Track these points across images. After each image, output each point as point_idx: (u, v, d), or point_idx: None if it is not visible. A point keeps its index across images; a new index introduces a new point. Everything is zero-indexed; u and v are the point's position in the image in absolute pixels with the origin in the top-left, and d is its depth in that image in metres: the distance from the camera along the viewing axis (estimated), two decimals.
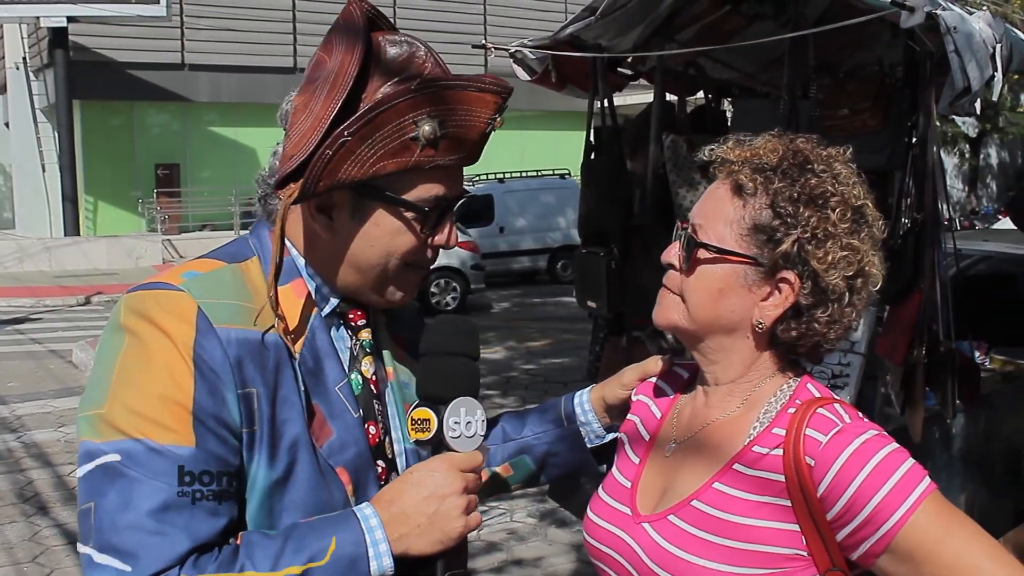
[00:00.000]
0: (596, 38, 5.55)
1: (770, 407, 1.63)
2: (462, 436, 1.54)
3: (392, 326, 1.77)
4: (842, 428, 1.51)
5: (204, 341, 1.42)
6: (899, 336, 4.17)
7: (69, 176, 26.00)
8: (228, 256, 1.58)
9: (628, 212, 5.74)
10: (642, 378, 1.91)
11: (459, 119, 1.49)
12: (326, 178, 1.44)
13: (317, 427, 1.53)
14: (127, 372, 1.41)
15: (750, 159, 1.61)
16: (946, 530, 1.44)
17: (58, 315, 17.89)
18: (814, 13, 5.19)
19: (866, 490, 1.45)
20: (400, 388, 1.72)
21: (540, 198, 22.12)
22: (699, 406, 1.73)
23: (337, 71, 1.46)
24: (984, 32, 3.98)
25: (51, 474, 8.01)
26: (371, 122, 1.43)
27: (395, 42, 1.52)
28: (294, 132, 1.49)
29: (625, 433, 1.87)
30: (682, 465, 1.68)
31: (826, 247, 1.55)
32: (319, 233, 1.56)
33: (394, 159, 1.47)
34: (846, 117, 4.87)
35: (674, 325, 1.67)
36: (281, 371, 1.50)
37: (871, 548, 1.47)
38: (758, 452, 1.57)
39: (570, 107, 29.92)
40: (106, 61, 27.55)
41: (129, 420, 1.38)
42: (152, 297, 1.45)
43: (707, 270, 1.61)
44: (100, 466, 1.37)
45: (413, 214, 1.54)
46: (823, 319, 1.58)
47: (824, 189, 1.57)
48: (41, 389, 11.27)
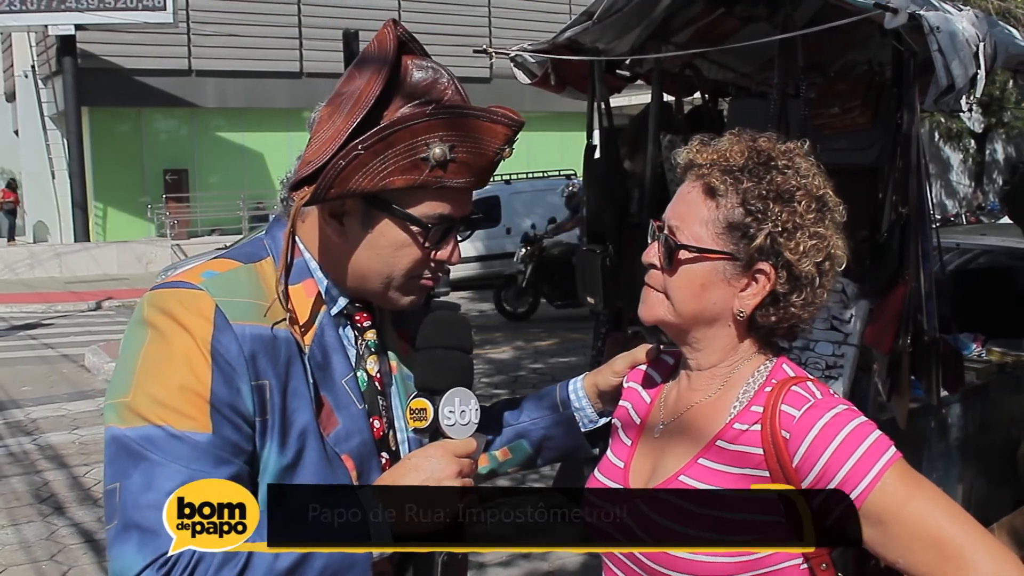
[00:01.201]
0: (594, 41, 5.65)
1: (748, 387, 1.74)
2: (456, 424, 1.64)
3: (397, 321, 1.86)
4: (814, 403, 1.62)
5: (221, 337, 1.52)
6: (885, 326, 4.27)
7: (79, 183, 26.09)
8: (244, 256, 1.68)
9: (624, 211, 5.83)
10: (632, 365, 2.02)
11: (469, 146, 1.59)
12: (337, 186, 1.54)
13: (324, 417, 1.62)
14: (150, 364, 1.51)
15: (718, 161, 1.72)
16: (910, 493, 1.55)
17: (70, 320, 17.94)
18: (806, 15, 5.30)
19: (837, 459, 1.56)
20: (403, 382, 1.82)
21: (546, 199, 22.04)
22: (683, 389, 1.84)
23: (362, 88, 1.57)
24: (967, 31, 4.08)
25: (66, 475, 8.11)
26: (385, 139, 1.53)
27: (421, 67, 1.62)
28: (316, 140, 1.60)
29: (618, 418, 1.99)
30: (669, 444, 1.80)
31: (796, 238, 1.66)
32: (331, 237, 1.67)
33: (403, 176, 1.56)
34: (836, 115, 4.97)
35: (660, 320, 1.78)
36: (292, 364, 1.60)
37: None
38: (738, 429, 1.68)
39: (575, 108, 29.78)
40: (114, 68, 27.63)
41: (152, 408, 1.48)
42: (173, 295, 1.56)
43: (688, 269, 1.72)
44: (125, 450, 1.48)
45: (417, 228, 1.63)
46: (798, 303, 1.70)
47: (789, 184, 1.68)
48: (55, 393, 11.35)
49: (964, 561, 1.51)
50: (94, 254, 25.38)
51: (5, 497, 7.60)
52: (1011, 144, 37.00)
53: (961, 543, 1.52)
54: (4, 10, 25.38)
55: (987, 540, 1.54)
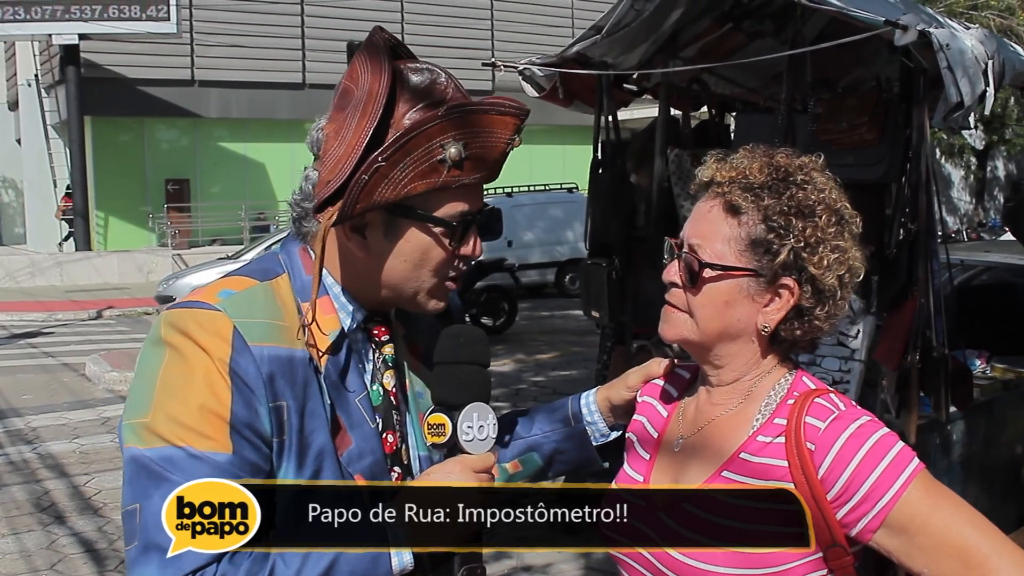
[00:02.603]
0: (602, 55, 5.66)
1: (770, 400, 1.74)
2: (475, 439, 1.63)
3: (410, 336, 1.86)
4: (839, 415, 1.63)
5: (239, 358, 1.52)
6: (894, 342, 4.28)
7: (80, 192, 26.08)
8: (260, 273, 1.67)
9: (630, 225, 5.84)
10: (646, 380, 2.01)
11: (482, 140, 1.59)
12: (363, 201, 1.54)
13: (339, 437, 1.62)
14: (169, 384, 1.51)
15: (737, 179, 1.72)
16: (935, 504, 1.57)
17: (70, 329, 17.91)
18: (813, 31, 5.31)
19: (863, 470, 1.57)
20: (415, 398, 1.81)
21: (548, 212, 22.05)
22: (703, 404, 1.84)
23: (366, 99, 1.57)
24: (976, 49, 4.10)
25: (67, 484, 8.08)
26: (403, 148, 1.52)
27: (417, 69, 1.63)
28: (328, 158, 1.59)
29: (634, 432, 1.98)
30: (691, 458, 1.80)
31: (819, 252, 1.67)
32: (353, 252, 1.66)
33: (424, 180, 1.56)
34: (844, 131, 4.97)
35: (683, 339, 1.78)
36: (309, 385, 1.60)
37: (869, 524, 1.58)
38: (762, 441, 1.69)
39: (577, 122, 29.90)
40: (117, 78, 27.66)
41: (171, 429, 1.47)
42: (191, 315, 1.55)
43: (712, 287, 1.72)
44: (145, 470, 1.47)
45: (442, 229, 1.63)
46: (823, 316, 1.71)
47: (810, 200, 1.69)
48: (55, 401, 11.33)
49: (988, 569, 1.53)
50: (95, 263, 25.40)
51: (5, 506, 7.57)
52: (1012, 161, 37.06)
53: (986, 552, 1.54)
54: (8, 19, 25.43)
55: (1011, 549, 1.55)
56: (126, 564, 1.49)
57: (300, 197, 1.70)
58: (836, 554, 1.63)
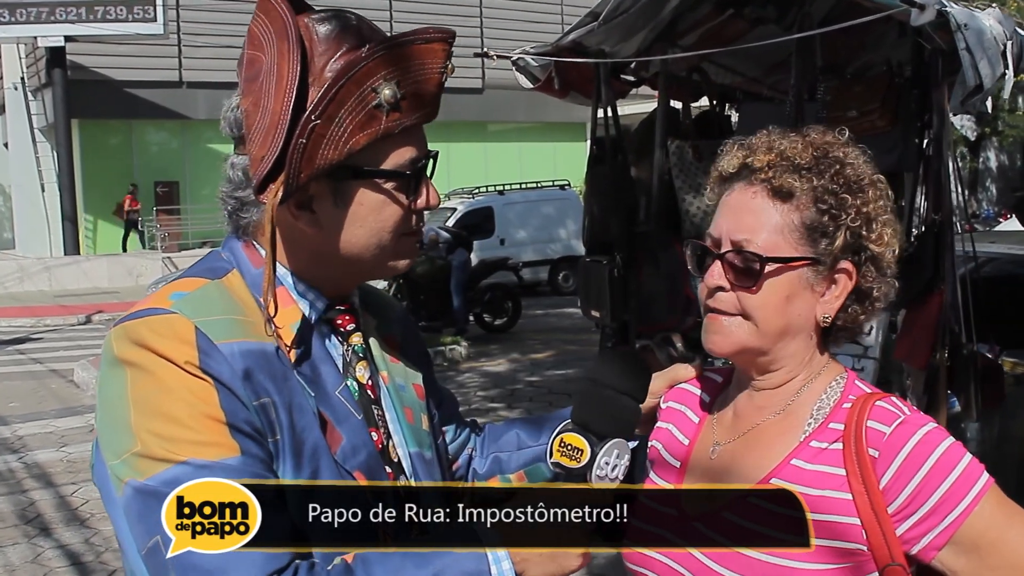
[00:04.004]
0: (599, 44, 5.54)
1: (823, 404, 1.62)
2: (606, 477, 1.54)
3: (382, 327, 1.75)
4: (905, 419, 1.52)
5: (208, 360, 1.39)
6: (920, 340, 4.13)
7: (68, 195, 25.98)
8: (208, 272, 1.55)
9: (633, 220, 5.70)
10: (670, 385, 1.88)
11: (414, 75, 1.47)
12: (306, 167, 1.41)
13: (328, 433, 1.51)
14: (144, 403, 1.37)
15: (778, 162, 1.59)
16: (1008, 521, 1.47)
17: (59, 334, 17.78)
18: (818, 14, 5.16)
19: (931, 480, 1.46)
20: (397, 391, 1.70)
21: (540, 209, 22.07)
22: (743, 408, 1.71)
23: (278, 63, 1.44)
24: (995, 29, 3.95)
25: (53, 495, 7.92)
26: (334, 99, 1.40)
27: (323, 18, 1.49)
28: (255, 134, 1.45)
29: (659, 441, 1.84)
30: (732, 465, 1.67)
31: (876, 229, 1.57)
32: (304, 231, 1.52)
33: (364, 131, 1.44)
34: (854, 119, 4.83)
35: (742, 347, 1.63)
36: (288, 379, 1.48)
37: (934, 540, 1.47)
38: (817, 447, 1.57)
39: (568, 118, 29.88)
40: (104, 80, 27.57)
41: (167, 447, 1.35)
42: (144, 324, 1.41)
43: (773, 283, 1.58)
44: (154, 499, 1.33)
45: (394, 183, 1.52)
46: (881, 296, 1.62)
47: (856, 174, 1.59)
48: (43, 409, 11.18)
49: None
50: (84, 267, 25.27)
51: None
52: (1004, 152, 37.17)
53: None
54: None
55: None
56: None
57: (230, 188, 1.57)
58: (894, 573, 1.50)
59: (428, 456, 1.67)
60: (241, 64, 1.53)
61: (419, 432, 1.70)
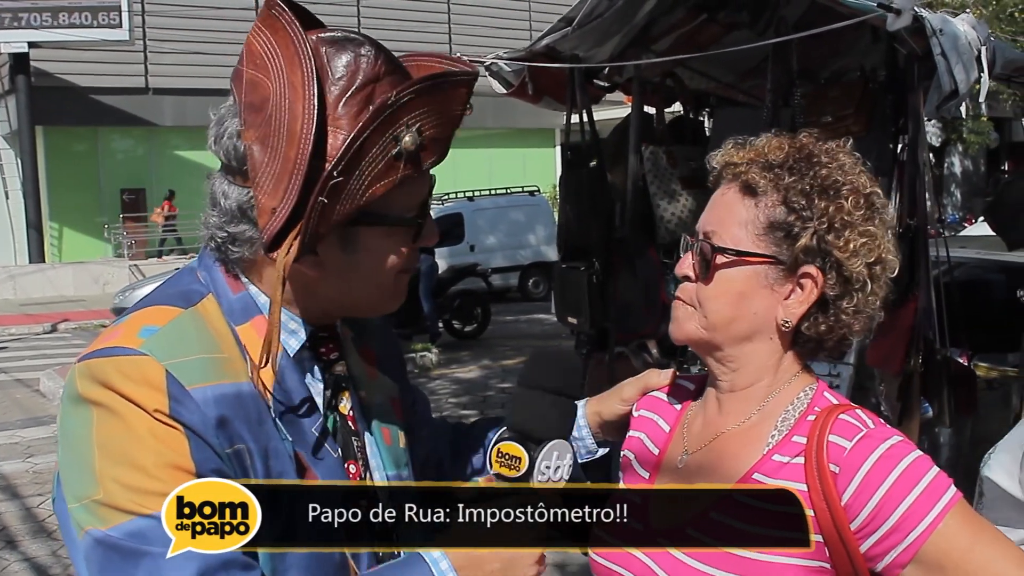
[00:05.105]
0: (573, 49, 5.52)
1: (788, 415, 1.59)
2: (549, 481, 1.48)
3: (358, 339, 1.67)
4: (867, 433, 1.48)
5: (179, 408, 1.32)
6: (894, 345, 4.13)
7: (33, 203, 25.70)
8: (181, 299, 1.45)
9: (610, 225, 5.68)
10: (643, 392, 1.85)
11: (435, 119, 1.38)
12: (323, 225, 1.33)
13: (304, 476, 1.45)
14: (109, 448, 1.30)
15: (756, 159, 1.58)
16: (975, 538, 1.42)
17: (24, 343, 17.61)
18: (791, 19, 5.16)
19: (893, 497, 1.42)
20: (376, 411, 1.64)
21: (509, 215, 22.08)
22: (711, 415, 1.68)
23: (291, 98, 1.33)
24: (969, 34, 3.97)
25: (19, 506, 7.83)
26: (357, 154, 1.31)
27: (335, 42, 1.38)
28: (263, 178, 1.34)
29: (631, 450, 1.80)
30: (696, 477, 1.63)
31: (845, 235, 1.52)
32: (303, 272, 1.43)
33: (381, 182, 1.36)
34: (829, 124, 4.84)
35: (690, 337, 1.63)
36: (264, 422, 1.41)
37: (898, 558, 1.43)
38: (778, 461, 1.53)
39: (538, 124, 29.87)
40: (69, 86, 27.31)
41: (131, 498, 1.28)
42: (112, 365, 1.33)
43: (725, 274, 1.57)
44: (116, 552, 1.28)
45: (404, 228, 1.46)
46: (850, 309, 1.55)
47: (834, 179, 1.55)
48: (8, 419, 11.06)
49: None
50: (49, 275, 25.02)
51: None
52: (968, 158, 37.54)
53: None
54: None
55: None
56: None
57: (221, 219, 1.45)
58: None
59: (405, 475, 1.63)
60: (240, 83, 1.42)
61: (396, 452, 1.65)
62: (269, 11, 1.38)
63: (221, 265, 1.48)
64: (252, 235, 1.41)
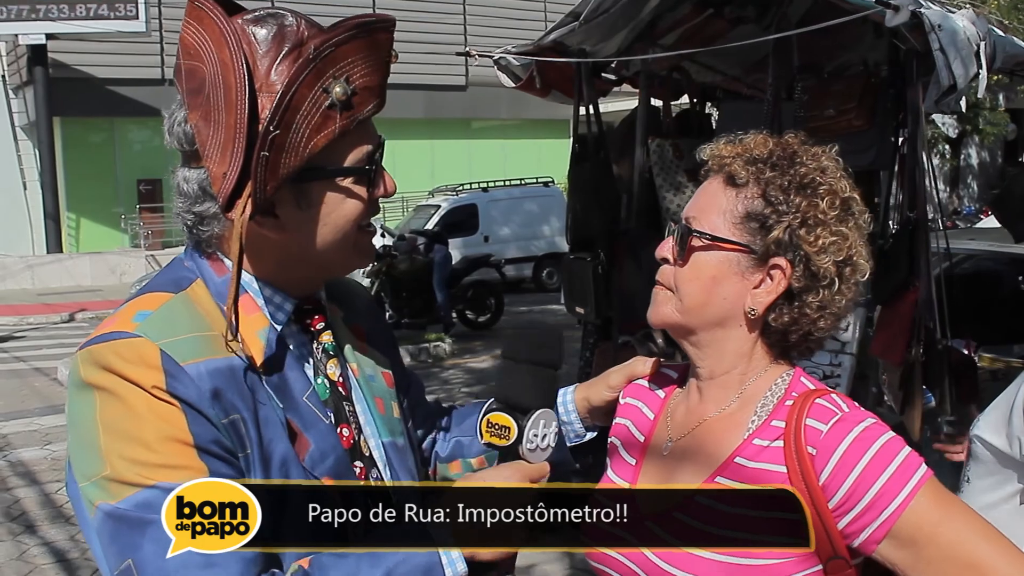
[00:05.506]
0: (580, 43, 5.57)
1: (767, 401, 1.65)
2: (537, 448, 1.56)
3: (349, 318, 1.77)
4: (842, 417, 1.54)
5: (175, 383, 1.40)
6: (896, 336, 4.18)
7: (51, 193, 25.82)
8: (172, 285, 1.54)
9: (615, 217, 5.74)
10: (629, 380, 1.92)
11: (361, 69, 1.48)
12: (270, 179, 1.42)
13: (297, 442, 1.53)
14: (113, 428, 1.38)
15: (741, 153, 1.65)
16: (945, 514, 1.48)
17: (42, 333, 17.70)
18: (796, 15, 5.21)
19: (867, 476, 1.49)
20: (367, 382, 1.72)
21: (524, 206, 22.05)
22: (693, 403, 1.74)
23: (223, 73, 1.43)
24: (968, 30, 4.01)
25: (38, 492, 7.92)
26: (289, 107, 1.40)
27: (257, 19, 1.48)
28: (210, 150, 1.45)
29: (617, 436, 1.87)
30: (681, 462, 1.70)
31: (817, 232, 1.59)
32: (268, 236, 1.52)
33: (321, 133, 1.45)
34: (832, 118, 4.89)
35: (666, 320, 1.70)
36: (256, 392, 1.49)
37: (873, 534, 1.50)
38: (759, 445, 1.60)
39: (552, 115, 29.86)
40: (86, 78, 27.39)
41: (137, 471, 1.36)
42: (109, 349, 1.42)
43: (700, 258, 1.64)
44: (125, 523, 1.35)
45: (354, 179, 1.53)
46: (814, 304, 1.61)
47: (813, 178, 1.61)
48: (26, 407, 11.15)
49: None
50: (67, 265, 25.12)
51: None
52: (985, 150, 37.32)
53: (998, 566, 1.46)
54: None
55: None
56: None
57: (186, 203, 1.55)
58: (837, 566, 1.54)
59: (400, 443, 1.70)
60: (180, 76, 1.52)
61: (391, 420, 1.73)
62: (193, 5, 1.48)
63: (204, 253, 1.57)
64: (215, 210, 1.50)
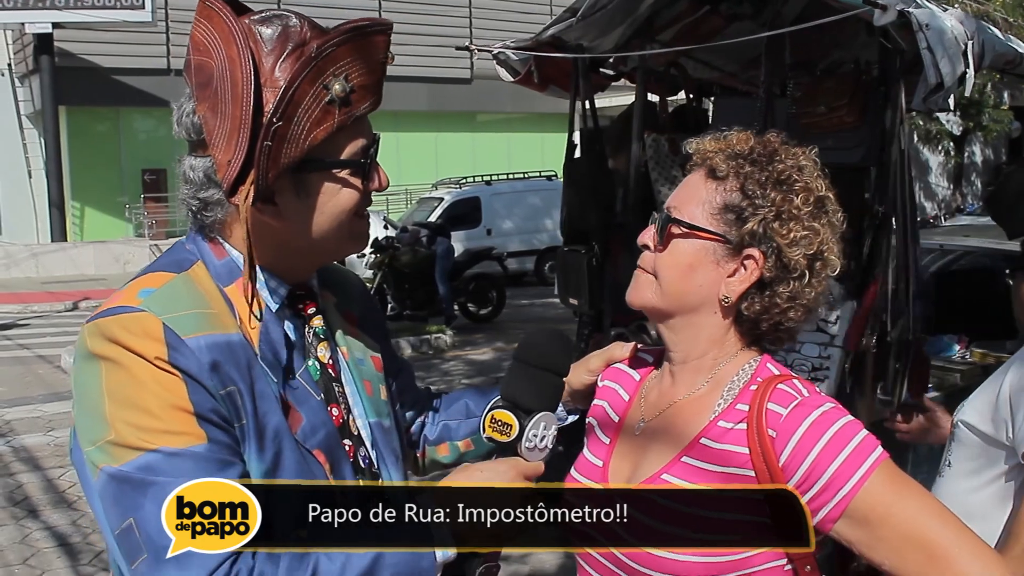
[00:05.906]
0: (578, 39, 5.62)
1: (733, 385, 1.72)
2: (535, 448, 1.63)
3: (341, 304, 1.85)
4: (801, 401, 1.62)
5: (177, 355, 1.47)
6: (853, 324, 4.28)
7: (55, 182, 25.88)
8: (174, 266, 1.63)
9: (610, 211, 5.80)
10: (607, 364, 2.01)
11: (359, 68, 1.57)
12: (272, 168, 1.50)
13: (290, 416, 1.60)
14: (118, 395, 1.46)
15: (724, 148, 1.73)
16: (898, 494, 1.55)
17: (46, 321, 17.74)
18: (792, 13, 5.26)
19: (824, 458, 1.55)
20: (356, 365, 1.80)
21: (527, 200, 22.06)
22: (666, 386, 1.82)
23: (231, 68, 1.52)
24: (956, 29, 4.06)
25: (41, 478, 7.98)
26: (291, 101, 1.50)
27: (264, 20, 1.58)
28: (217, 139, 1.54)
29: (594, 417, 1.96)
30: (651, 442, 1.77)
31: (790, 226, 1.66)
32: (268, 223, 1.60)
33: (321, 127, 1.54)
34: (823, 114, 4.94)
35: (645, 303, 1.77)
36: (252, 367, 1.56)
37: (829, 513, 1.56)
38: (723, 427, 1.67)
39: (555, 109, 29.82)
40: (92, 67, 27.43)
41: (139, 436, 1.43)
42: (115, 322, 1.50)
43: (679, 245, 1.72)
44: (127, 484, 1.42)
45: (350, 171, 1.62)
46: (785, 295, 1.68)
47: (790, 175, 1.69)
48: (30, 394, 11.21)
49: (951, 563, 1.51)
50: (71, 254, 25.18)
51: None
52: (989, 147, 37.23)
53: (948, 545, 1.52)
54: None
55: (973, 541, 1.54)
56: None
57: (191, 190, 1.65)
58: None
59: (387, 424, 1.78)
60: (189, 70, 1.60)
61: (378, 402, 1.81)
62: (204, 4, 1.60)
63: (205, 237, 1.67)
64: (220, 197, 1.59)
